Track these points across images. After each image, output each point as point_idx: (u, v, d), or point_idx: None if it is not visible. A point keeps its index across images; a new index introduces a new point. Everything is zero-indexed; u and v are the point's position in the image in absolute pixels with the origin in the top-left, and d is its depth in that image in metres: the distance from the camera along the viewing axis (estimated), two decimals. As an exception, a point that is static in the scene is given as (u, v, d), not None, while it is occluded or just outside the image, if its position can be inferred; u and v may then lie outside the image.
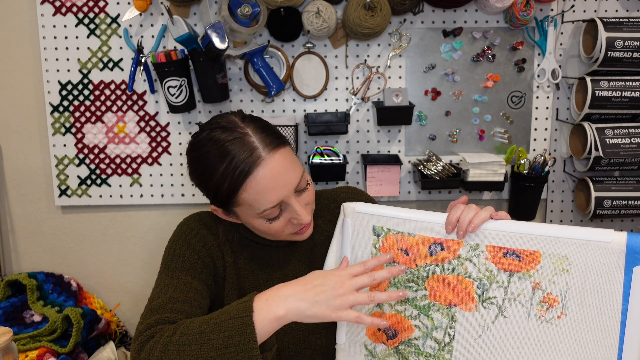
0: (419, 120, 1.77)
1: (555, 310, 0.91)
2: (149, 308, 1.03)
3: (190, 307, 1.03)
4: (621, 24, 1.60)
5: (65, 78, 1.74)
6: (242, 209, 1.06)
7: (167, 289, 1.06)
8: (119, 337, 1.76)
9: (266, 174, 1.01)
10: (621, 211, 1.71)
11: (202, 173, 1.06)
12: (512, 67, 1.75)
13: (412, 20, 1.72)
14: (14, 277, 1.66)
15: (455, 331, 0.99)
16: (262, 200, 1.02)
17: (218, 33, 1.51)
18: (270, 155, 1.02)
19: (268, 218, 1.05)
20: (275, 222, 1.06)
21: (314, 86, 1.74)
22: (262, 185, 1.01)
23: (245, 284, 1.18)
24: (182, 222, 1.21)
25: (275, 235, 1.10)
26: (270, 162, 1.01)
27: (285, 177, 1.03)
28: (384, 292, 0.95)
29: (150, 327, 0.96)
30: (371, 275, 0.95)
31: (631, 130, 1.66)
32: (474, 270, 0.97)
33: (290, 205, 1.05)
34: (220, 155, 1.02)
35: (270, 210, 1.03)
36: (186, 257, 1.12)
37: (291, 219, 1.07)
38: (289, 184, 1.04)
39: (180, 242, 1.15)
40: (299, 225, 1.09)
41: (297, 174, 1.05)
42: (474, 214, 0.96)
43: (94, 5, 1.69)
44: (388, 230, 1.04)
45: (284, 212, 1.06)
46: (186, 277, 1.09)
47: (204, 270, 1.12)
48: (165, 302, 1.02)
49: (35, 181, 1.82)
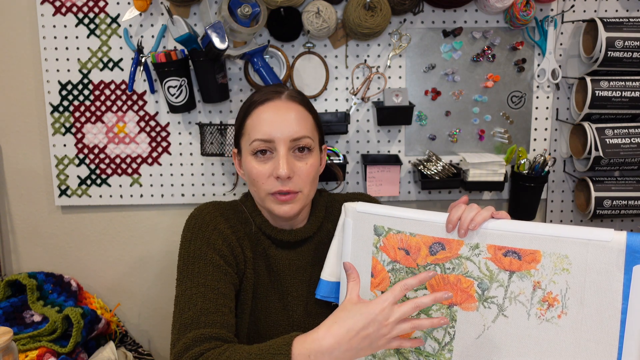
0: (419, 120, 1.77)
1: (556, 310, 0.91)
2: (180, 322, 1.02)
3: (222, 315, 1.04)
4: (621, 24, 1.60)
5: (65, 78, 1.74)
6: (244, 140, 1.14)
7: (195, 299, 1.04)
8: (119, 337, 1.76)
9: (272, 108, 1.11)
10: (621, 211, 1.71)
11: (238, 112, 1.20)
12: (512, 67, 1.75)
13: (412, 20, 1.72)
14: (14, 277, 1.66)
15: (456, 331, 0.99)
16: (257, 129, 1.10)
17: (218, 33, 1.51)
18: (287, 100, 1.13)
19: (256, 152, 1.11)
20: (262, 165, 1.10)
21: (314, 86, 1.74)
22: (265, 116, 1.11)
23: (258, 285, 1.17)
24: (195, 214, 1.16)
25: (257, 183, 1.12)
26: (284, 103, 1.13)
27: (287, 121, 1.10)
28: (427, 319, 0.91)
29: (190, 348, 0.98)
30: (414, 303, 0.89)
31: (631, 130, 1.66)
32: (475, 269, 0.97)
33: (277, 152, 1.10)
34: (261, 90, 1.18)
35: (259, 142, 1.09)
36: (208, 258, 1.09)
37: (274, 170, 1.09)
38: (286, 129, 1.09)
39: (198, 242, 1.11)
40: (280, 182, 1.10)
41: (300, 130, 1.11)
42: (475, 213, 0.96)
43: (94, 5, 1.70)
44: (389, 230, 1.04)
45: (271, 160, 1.10)
46: (212, 282, 1.07)
47: (228, 271, 1.10)
48: (197, 315, 1.02)
49: (35, 181, 1.82)
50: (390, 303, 0.88)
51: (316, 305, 1.20)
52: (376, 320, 0.87)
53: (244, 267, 1.15)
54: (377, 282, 1.05)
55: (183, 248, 1.12)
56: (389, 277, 1.04)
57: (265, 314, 1.16)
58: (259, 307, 1.16)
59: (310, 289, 1.20)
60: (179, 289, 1.08)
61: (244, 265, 1.15)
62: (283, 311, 1.18)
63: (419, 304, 0.89)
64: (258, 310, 1.16)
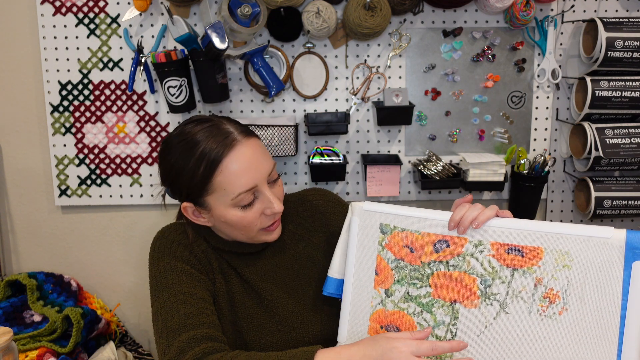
0: (419, 120, 1.77)
1: (557, 306, 0.91)
2: (167, 330, 1.01)
3: (207, 317, 1.04)
4: (621, 24, 1.60)
5: (65, 78, 1.74)
6: (216, 197, 1.06)
7: (176, 306, 1.04)
8: (119, 337, 1.75)
9: (242, 156, 1.04)
10: (621, 211, 1.71)
11: (177, 161, 1.07)
12: (512, 67, 1.75)
13: (412, 20, 1.72)
14: (14, 277, 1.65)
15: (458, 328, 0.99)
16: (237, 183, 1.04)
17: (218, 33, 1.51)
18: (246, 140, 1.06)
19: (242, 205, 1.06)
20: (249, 210, 1.07)
21: (314, 86, 1.75)
22: (238, 166, 1.03)
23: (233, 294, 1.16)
24: (157, 237, 1.17)
25: (247, 228, 1.09)
26: (245, 145, 1.05)
27: (259, 162, 1.07)
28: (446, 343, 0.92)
29: (185, 350, 0.96)
30: (433, 347, 0.90)
31: (631, 130, 1.67)
32: (478, 266, 0.97)
33: (262, 193, 1.07)
34: (196, 141, 1.04)
35: (245, 194, 1.05)
36: (179, 269, 1.09)
37: (264, 210, 1.08)
38: (263, 169, 1.07)
39: (166, 258, 1.11)
40: (272, 217, 1.10)
41: (270, 163, 1.09)
42: (478, 212, 0.97)
43: (94, 5, 1.70)
44: (395, 228, 1.05)
45: (257, 202, 1.08)
46: (188, 289, 1.07)
47: (201, 277, 1.11)
48: (183, 319, 1.01)
49: (35, 181, 1.82)
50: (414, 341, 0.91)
51: (298, 303, 1.19)
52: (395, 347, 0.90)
53: (213, 276, 1.15)
54: (381, 280, 1.06)
55: (152, 267, 1.13)
56: (393, 275, 1.05)
57: (247, 320, 1.16)
58: (240, 316, 1.15)
59: (285, 289, 1.18)
60: (157, 304, 1.07)
61: (212, 275, 1.15)
62: (265, 313, 1.17)
63: (437, 347, 0.91)
64: (240, 319, 1.15)
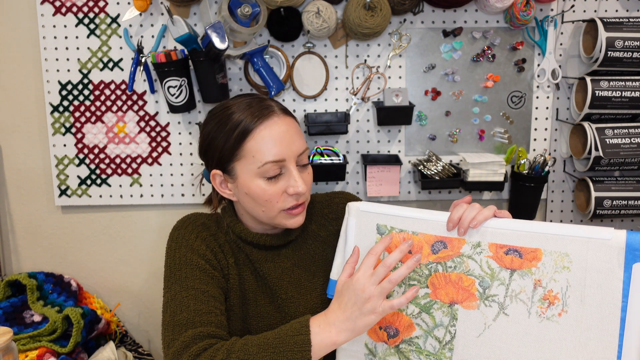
0: (419, 120, 1.77)
1: (556, 308, 0.91)
2: (173, 323, 1.02)
3: (216, 316, 1.05)
4: (621, 24, 1.60)
5: (65, 78, 1.74)
6: (244, 163, 1.08)
7: (186, 301, 1.05)
8: (119, 337, 1.75)
9: (275, 127, 1.07)
10: (621, 211, 1.71)
11: (214, 128, 1.11)
12: (512, 67, 1.75)
13: (412, 20, 1.72)
14: (14, 277, 1.66)
15: (457, 329, 0.98)
16: (266, 151, 1.06)
17: (218, 33, 1.51)
18: (284, 116, 1.10)
19: (267, 177, 1.07)
20: (273, 184, 1.08)
21: (314, 86, 1.74)
22: (271, 136, 1.06)
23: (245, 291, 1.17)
24: (177, 225, 1.20)
25: (268, 204, 1.09)
26: (282, 120, 1.09)
27: (292, 138, 1.09)
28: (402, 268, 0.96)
29: (190, 346, 0.97)
30: (383, 264, 0.96)
31: (631, 130, 1.66)
32: (476, 268, 0.97)
33: (289, 170, 1.08)
34: (235, 110, 1.10)
35: (271, 164, 1.06)
36: (194, 263, 1.10)
37: (288, 188, 1.09)
38: (294, 146, 1.08)
39: (183, 249, 1.13)
40: (294, 198, 1.10)
41: (303, 145, 1.11)
42: (477, 212, 0.97)
43: (94, 5, 1.70)
44: (392, 229, 1.04)
45: (282, 178, 1.09)
46: (200, 285, 1.08)
47: (214, 274, 1.12)
48: (191, 315, 1.02)
49: (35, 181, 1.82)
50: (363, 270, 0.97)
51: (310, 305, 1.20)
52: (354, 288, 0.96)
53: (228, 272, 1.16)
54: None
55: (169, 257, 1.15)
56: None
57: (257, 319, 1.16)
58: (250, 313, 1.16)
59: (299, 289, 1.20)
60: (168, 295, 1.08)
61: (227, 271, 1.16)
62: (276, 313, 1.18)
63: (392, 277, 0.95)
64: (249, 317, 1.16)
